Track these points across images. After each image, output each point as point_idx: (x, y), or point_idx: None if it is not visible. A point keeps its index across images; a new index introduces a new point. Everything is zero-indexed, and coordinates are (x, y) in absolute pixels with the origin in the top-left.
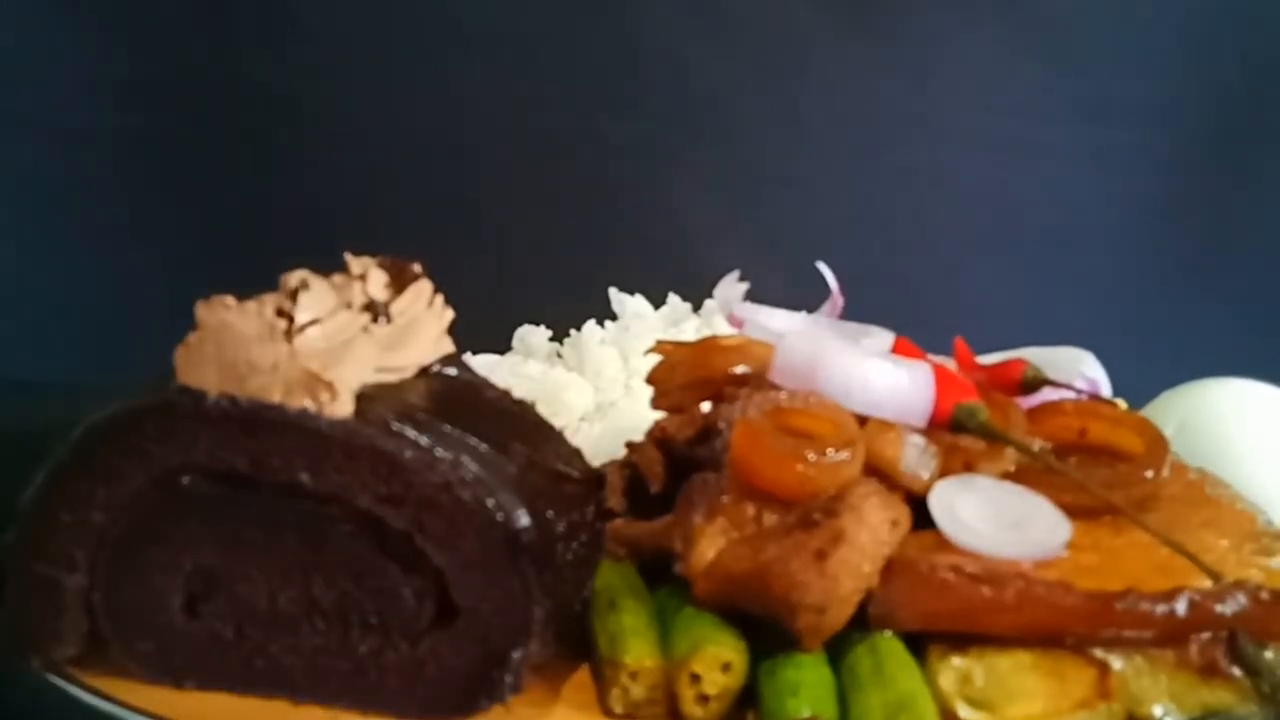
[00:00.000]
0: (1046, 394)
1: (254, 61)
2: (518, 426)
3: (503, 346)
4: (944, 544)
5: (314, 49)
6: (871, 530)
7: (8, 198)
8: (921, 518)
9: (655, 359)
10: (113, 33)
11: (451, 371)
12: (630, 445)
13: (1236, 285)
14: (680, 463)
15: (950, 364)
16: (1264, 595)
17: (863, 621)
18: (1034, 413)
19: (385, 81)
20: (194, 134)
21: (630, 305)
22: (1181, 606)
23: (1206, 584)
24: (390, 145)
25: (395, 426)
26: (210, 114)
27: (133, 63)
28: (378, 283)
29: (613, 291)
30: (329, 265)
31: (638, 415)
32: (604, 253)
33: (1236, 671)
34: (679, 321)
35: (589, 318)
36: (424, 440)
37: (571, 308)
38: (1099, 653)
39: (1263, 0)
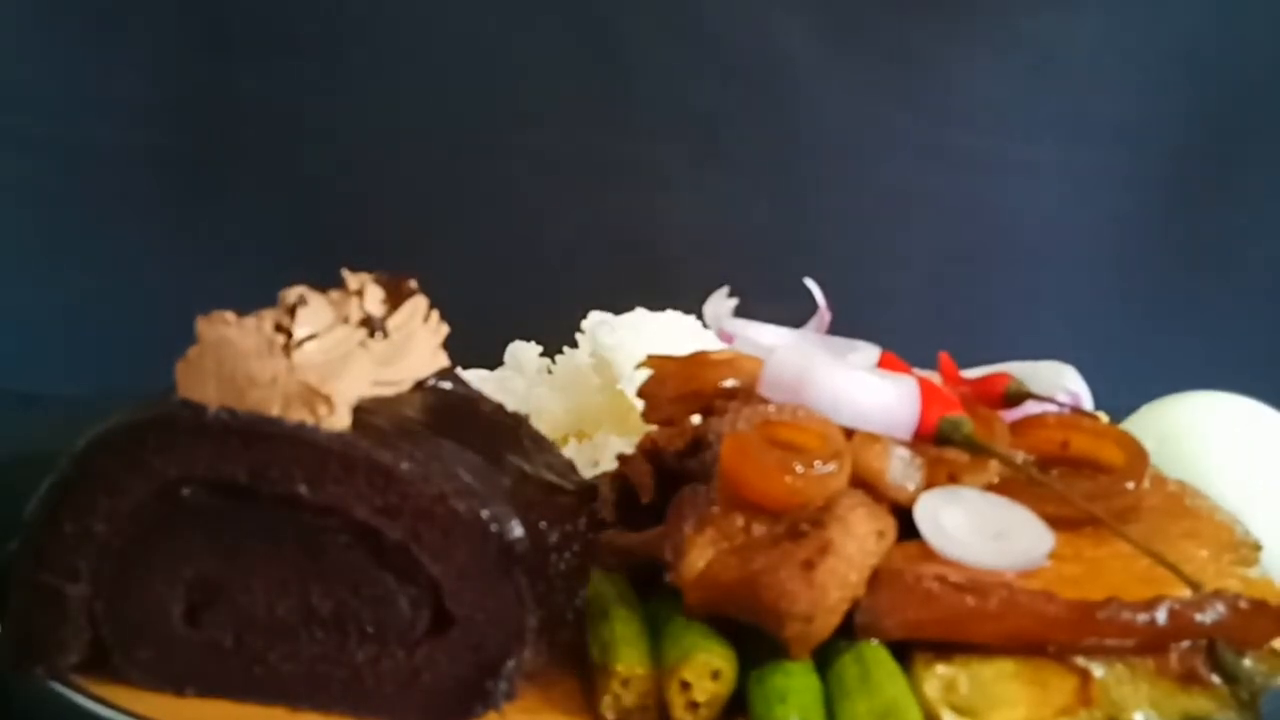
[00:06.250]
0: (1029, 407)
1: (250, 78)
2: (511, 440)
3: (495, 362)
4: (929, 554)
5: (311, 67)
6: (858, 541)
7: (8, 211)
8: (907, 528)
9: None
10: (113, 49)
11: (447, 386)
12: (621, 457)
13: (1215, 301)
14: (670, 475)
15: (935, 378)
16: (1242, 604)
17: (849, 630)
18: (1017, 426)
19: (381, 97)
20: (193, 149)
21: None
22: (1162, 615)
23: (1186, 593)
24: (386, 160)
25: (391, 439)
26: (209, 130)
27: (133, 79)
28: (374, 298)
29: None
30: (326, 280)
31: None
32: (600, 268)
33: (1216, 679)
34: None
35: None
36: (419, 453)
37: (565, 324)
38: (1081, 661)
39: (1241, 23)
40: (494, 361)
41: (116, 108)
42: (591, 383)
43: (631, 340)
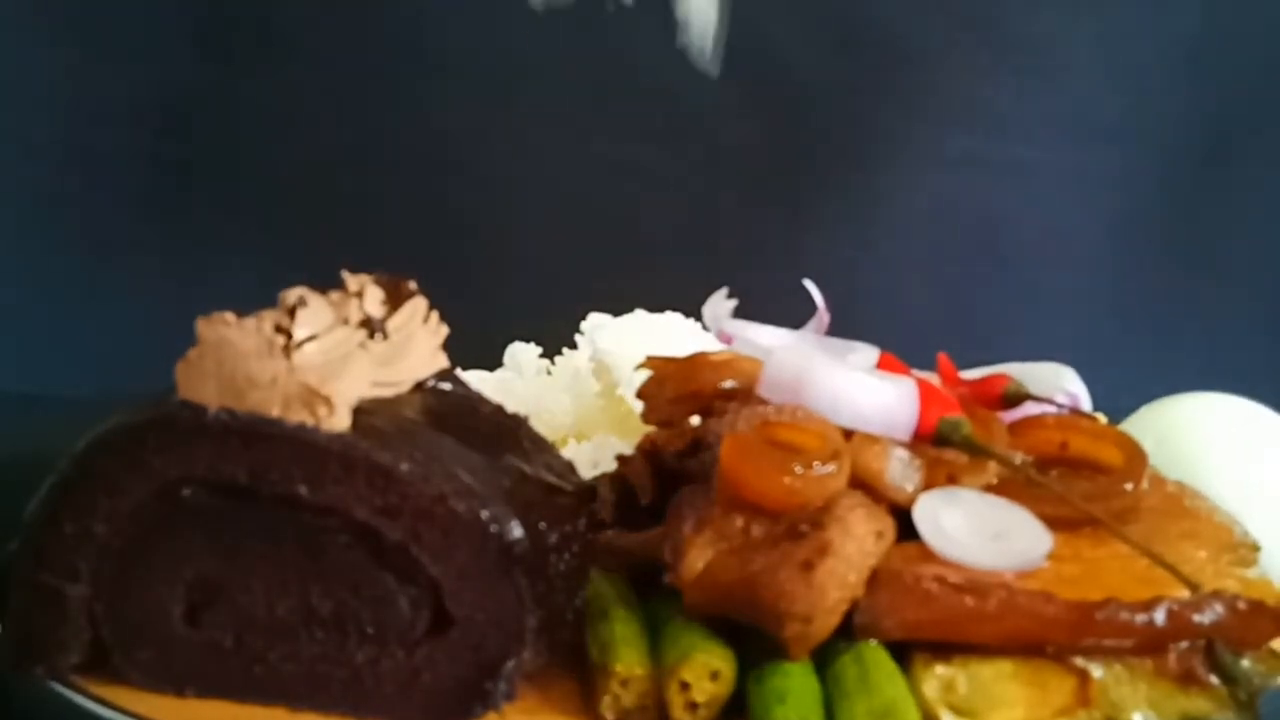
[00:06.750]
0: (1028, 408)
1: (248, 80)
2: (511, 440)
3: (495, 363)
4: (928, 555)
5: (310, 69)
6: (857, 541)
7: (8, 211)
8: (906, 529)
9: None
10: (112, 50)
11: (446, 387)
12: (621, 458)
13: (1214, 302)
14: (670, 475)
15: (934, 379)
16: (1241, 605)
17: (848, 631)
18: (1016, 427)
19: (381, 99)
20: (193, 150)
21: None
22: (1160, 616)
23: (1185, 594)
24: (386, 162)
25: (391, 440)
26: (208, 130)
27: (132, 80)
28: (374, 299)
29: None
30: (326, 281)
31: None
32: (600, 268)
33: (1214, 680)
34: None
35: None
36: (419, 453)
37: (565, 325)
38: (1079, 661)
39: (1239, 23)
40: (494, 362)
41: (116, 108)
42: (591, 384)
43: (630, 342)
